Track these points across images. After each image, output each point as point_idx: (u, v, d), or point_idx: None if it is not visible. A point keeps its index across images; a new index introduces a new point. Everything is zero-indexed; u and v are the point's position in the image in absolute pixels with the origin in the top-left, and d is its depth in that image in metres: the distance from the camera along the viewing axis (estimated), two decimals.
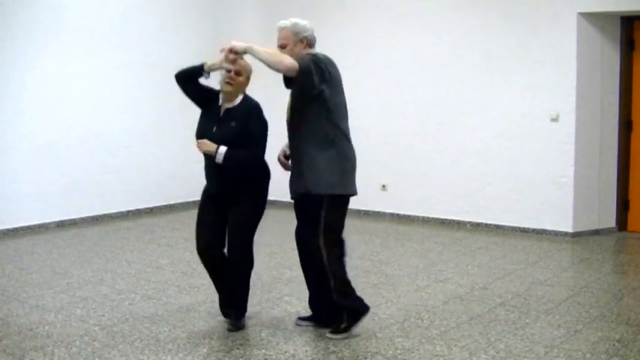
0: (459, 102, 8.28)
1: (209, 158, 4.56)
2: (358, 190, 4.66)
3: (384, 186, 8.94)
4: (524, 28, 7.76)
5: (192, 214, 9.19)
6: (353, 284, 4.63)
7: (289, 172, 4.66)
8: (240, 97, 4.69)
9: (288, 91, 4.59)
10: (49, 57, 8.14)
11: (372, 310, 5.07)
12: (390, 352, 4.28)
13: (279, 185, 4.99)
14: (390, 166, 8.85)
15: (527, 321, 4.85)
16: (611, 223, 7.92)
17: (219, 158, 4.45)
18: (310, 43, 4.63)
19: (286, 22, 4.62)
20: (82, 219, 8.57)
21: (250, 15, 9.86)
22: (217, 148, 4.46)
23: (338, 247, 4.60)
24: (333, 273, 4.51)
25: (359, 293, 4.65)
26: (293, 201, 4.66)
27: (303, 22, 4.64)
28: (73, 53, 8.34)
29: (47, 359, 4.18)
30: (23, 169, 8.00)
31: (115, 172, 8.88)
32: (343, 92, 4.61)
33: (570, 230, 7.67)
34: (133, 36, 9.03)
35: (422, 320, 4.88)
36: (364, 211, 9.00)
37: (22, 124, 7.97)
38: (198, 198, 5.41)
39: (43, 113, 8.12)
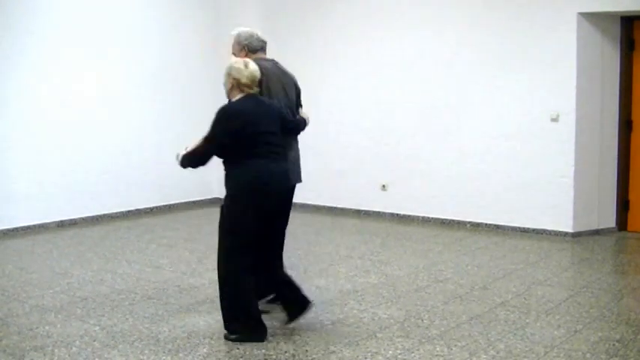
0: (458, 102, 8.28)
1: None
2: (358, 190, 4.71)
3: (384, 186, 8.93)
4: (525, 28, 7.76)
5: (192, 214, 9.23)
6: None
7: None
8: None
9: None
10: (49, 57, 8.14)
11: (372, 310, 5.09)
12: (390, 352, 4.28)
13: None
14: (389, 166, 8.85)
15: (527, 321, 4.85)
16: (611, 223, 7.91)
17: None
18: (252, 49, 5.00)
19: (233, 32, 5.13)
20: (82, 219, 8.57)
21: (251, 13, 9.85)
22: None
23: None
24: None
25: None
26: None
27: (245, 30, 5.09)
28: (72, 53, 8.34)
29: (47, 359, 4.18)
30: (23, 169, 8.00)
31: (115, 172, 8.88)
32: (271, 90, 4.81)
33: (570, 230, 7.67)
34: (133, 36, 9.04)
35: (422, 320, 4.89)
36: (364, 211, 9.00)
37: (22, 124, 7.97)
38: (198, 198, 5.44)
39: (43, 113, 8.12)
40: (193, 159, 4.49)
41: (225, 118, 4.39)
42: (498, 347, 4.34)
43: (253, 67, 4.51)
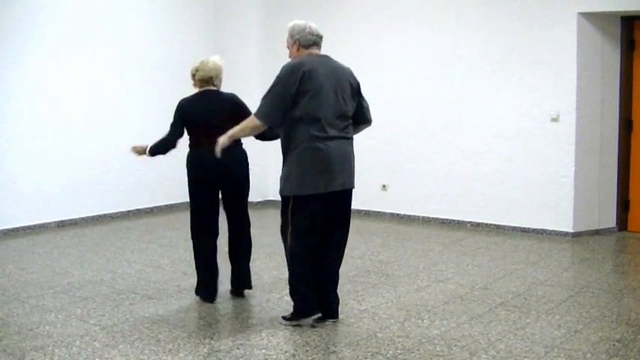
0: (459, 102, 8.28)
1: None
2: (358, 190, 4.68)
3: (384, 186, 8.94)
4: (525, 28, 7.76)
5: None
6: (309, 283, 4.74)
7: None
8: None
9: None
10: (49, 57, 8.13)
11: (372, 310, 5.09)
12: (391, 352, 4.28)
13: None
14: (390, 166, 8.85)
15: (527, 321, 4.85)
16: (612, 223, 7.91)
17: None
18: (303, 44, 4.74)
19: (289, 24, 4.83)
20: (83, 219, 8.57)
21: (250, 14, 9.86)
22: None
23: (297, 243, 4.68)
24: (287, 265, 4.77)
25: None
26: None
27: (298, 23, 4.80)
28: (72, 53, 8.34)
29: (47, 359, 4.18)
30: (23, 169, 8.00)
31: (116, 172, 8.88)
32: (321, 87, 4.58)
33: (571, 230, 7.67)
34: (134, 36, 9.04)
35: (422, 320, 4.89)
36: (365, 211, 9.00)
37: (23, 124, 7.97)
38: None
39: (44, 113, 8.12)
40: None
41: (175, 110, 5.33)
42: (499, 347, 4.34)
43: (209, 66, 5.22)
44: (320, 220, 4.68)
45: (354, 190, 4.89)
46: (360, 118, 4.90)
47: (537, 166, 7.79)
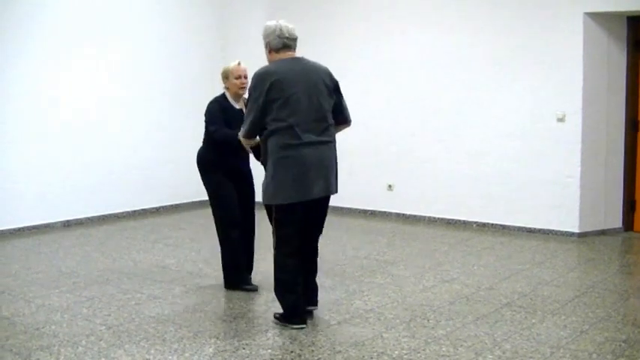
0: (465, 102, 8.27)
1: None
2: (364, 190, 4.67)
3: (390, 186, 8.93)
4: (531, 28, 7.75)
5: (198, 214, 9.21)
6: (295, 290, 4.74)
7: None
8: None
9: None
10: (53, 57, 8.15)
11: (378, 310, 5.09)
12: (397, 352, 4.28)
13: None
14: (396, 167, 8.84)
15: (533, 321, 4.85)
16: (618, 223, 7.89)
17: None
18: (273, 48, 4.65)
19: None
20: (88, 219, 8.59)
21: (256, 14, 9.86)
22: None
23: (281, 252, 4.71)
24: (274, 271, 4.79)
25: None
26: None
27: (268, 25, 4.70)
28: (77, 53, 8.35)
29: (53, 359, 4.19)
30: (29, 169, 8.02)
31: (121, 172, 8.89)
32: (291, 94, 4.51)
33: (576, 230, 7.65)
34: (138, 36, 9.05)
35: (428, 320, 4.88)
36: (370, 211, 9.00)
37: (28, 124, 7.99)
38: (204, 198, 5.49)
39: (49, 113, 8.14)
40: None
41: None
42: (504, 347, 4.34)
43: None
44: (301, 226, 4.69)
45: (360, 190, 4.88)
46: (339, 118, 4.81)
47: (543, 166, 7.77)
